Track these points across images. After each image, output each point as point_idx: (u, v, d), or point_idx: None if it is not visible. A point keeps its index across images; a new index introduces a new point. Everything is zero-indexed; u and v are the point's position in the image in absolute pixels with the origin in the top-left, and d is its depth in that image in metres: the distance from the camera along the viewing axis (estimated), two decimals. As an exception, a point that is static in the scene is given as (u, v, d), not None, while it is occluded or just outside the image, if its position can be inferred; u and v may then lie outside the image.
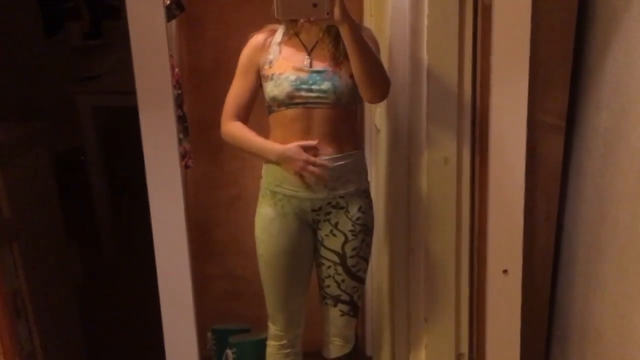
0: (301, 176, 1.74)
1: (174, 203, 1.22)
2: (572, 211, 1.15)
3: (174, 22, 2.38)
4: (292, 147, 1.73)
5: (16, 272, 0.76)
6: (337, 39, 1.74)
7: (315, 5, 1.53)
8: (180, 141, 2.10)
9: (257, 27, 1.88)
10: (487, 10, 1.52)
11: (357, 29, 1.63)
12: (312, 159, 1.72)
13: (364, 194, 1.85)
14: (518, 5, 1.30)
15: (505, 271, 0.96)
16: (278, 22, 1.80)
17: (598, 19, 1.33)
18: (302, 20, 1.72)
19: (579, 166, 1.26)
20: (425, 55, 1.82)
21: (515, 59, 1.29)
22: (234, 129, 1.80)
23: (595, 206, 1.10)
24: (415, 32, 1.85)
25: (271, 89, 1.74)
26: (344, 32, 1.60)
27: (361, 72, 1.65)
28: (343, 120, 1.77)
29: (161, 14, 1.42)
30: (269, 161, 1.80)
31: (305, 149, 1.72)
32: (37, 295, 0.89)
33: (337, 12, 1.55)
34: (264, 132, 1.83)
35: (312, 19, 1.62)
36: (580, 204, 1.15)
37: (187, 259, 1.14)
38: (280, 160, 1.75)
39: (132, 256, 2.09)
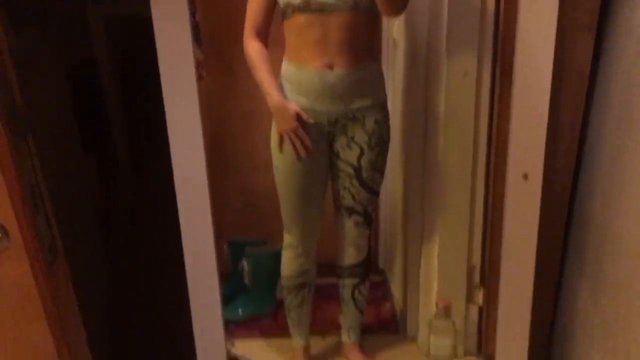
0: (320, 88, 1.71)
1: (189, 108, 1.20)
2: (598, 115, 1.12)
3: None
4: (291, 107, 1.72)
5: (33, 165, 0.76)
6: None
7: None
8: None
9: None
10: None
11: None
12: (302, 133, 1.72)
13: (381, 106, 1.82)
14: None
15: (525, 175, 0.95)
16: None
17: None
18: None
19: (609, 68, 1.20)
20: (446, -38, 1.74)
21: None
22: (250, 50, 1.77)
23: (623, 109, 1.06)
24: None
25: None
26: None
27: None
28: (360, 29, 1.72)
29: None
30: (289, 65, 1.77)
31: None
32: (53, 191, 0.91)
33: None
34: (280, 38, 1.79)
35: None
36: (606, 107, 1.10)
37: (204, 165, 1.14)
38: (273, 110, 1.75)
39: (148, 168, 2.10)
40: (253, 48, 1.77)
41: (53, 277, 0.83)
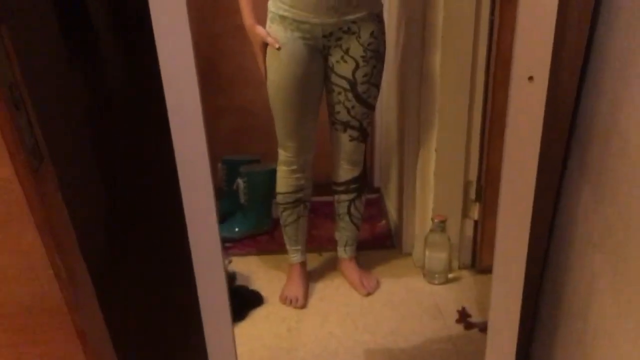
0: (312, 1, 1.65)
1: (179, 28, 1.14)
2: (607, 15, 1.07)
3: None
4: (258, 31, 1.75)
5: (9, 60, 0.72)
6: None
7: None
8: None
9: None
10: None
11: None
12: (263, 57, 1.78)
13: (377, 18, 1.75)
14: None
15: (530, 78, 0.91)
16: None
17: None
18: None
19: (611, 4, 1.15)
20: None
21: None
22: None
23: (634, 11, 1.01)
24: None
25: None
26: None
27: None
28: None
29: None
30: None
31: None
32: (35, 88, 0.86)
33: None
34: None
35: None
36: (616, 7, 1.05)
37: (197, 87, 1.09)
38: (247, 30, 1.79)
39: (138, 81, 2.03)
40: None
41: (40, 182, 0.80)
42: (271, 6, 1.75)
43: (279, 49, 1.72)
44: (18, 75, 0.75)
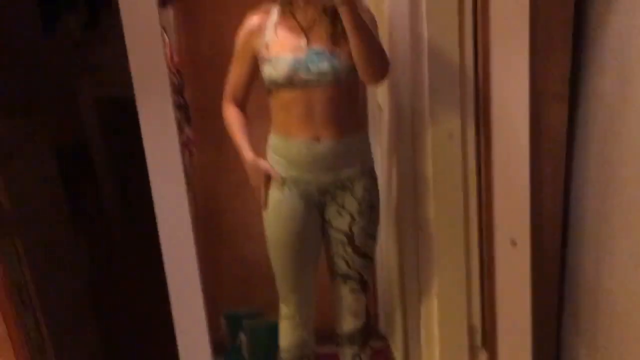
0: (310, 158, 1.74)
1: (176, 190, 1.21)
2: (579, 176, 1.14)
3: (171, 10, 2.37)
4: (261, 164, 1.80)
5: (20, 265, 0.76)
6: (334, 20, 1.71)
7: None
8: (182, 129, 2.11)
9: (256, 9, 1.85)
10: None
11: (356, 10, 1.60)
12: (266, 189, 1.82)
13: (369, 173, 1.84)
14: None
15: (513, 242, 0.95)
16: (273, 1, 1.78)
17: None
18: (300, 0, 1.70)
19: (585, 131, 1.24)
20: (425, 31, 1.80)
21: (515, 26, 1.27)
22: (228, 114, 1.87)
23: (600, 171, 1.09)
24: (414, 7, 1.84)
25: (269, 72, 1.73)
26: (344, 13, 1.56)
27: (360, 54, 1.63)
28: (344, 101, 1.76)
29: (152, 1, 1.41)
30: (277, 139, 1.80)
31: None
32: (44, 287, 0.89)
33: None
34: (267, 111, 1.83)
35: None
36: (586, 168, 1.13)
37: (193, 245, 1.14)
38: (246, 167, 1.84)
39: (141, 246, 2.09)
40: (230, 113, 1.86)
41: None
42: (270, 160, 1.84)
43: (283, 183, 1.79)
44: (28, 276, 0.79)
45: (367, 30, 1.63)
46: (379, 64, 1.68)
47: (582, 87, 1.29)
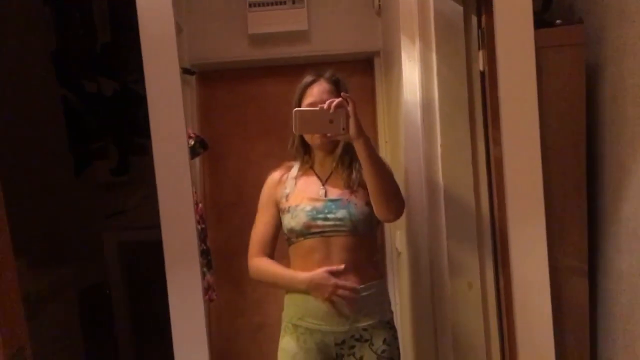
0: (326, 308, 1.71)
1: (197, 347, 1.21)
2: (606, 356, 1.13)
3: (197, 159, 2.49)
4: (319, 272, 1.72)
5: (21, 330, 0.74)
6: (350, 168, 1.78)
7: (331, 121, 1.57)
8: (204, 275, 2.13)
9: (275, 159, 1.95)
10: (498, 144, 1.57)
11: (371, 145, 1.65)
12: (342, 282, 1.71)
13: (388, 325, 1.80)
14: (528, 156, 1.34)
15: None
16: (294, 158, 1.87)
17: (607, 170, 1.38)
18: (319, 141, 1.78)
19: (606, 309, 1.25)
20: (441, 180, 1.86)
21: (530, 205, 1.31)
22: (260, 264, 1.81)
23: (627, 352, 1.07)
24: (429, 159, 1.91)
25: (288, 221, 1.77)
26: (359, 148, 1.62)
27: (376, 188, 1.67)
28: (362, 249, 1.77)
29: (185, 154, 1.48)
30: (295, 291, 1.78)
31: (333, 274, 1.72)
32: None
33: (352, 127, 1.59)
34: (285, 262, 1.85)
35: (328, 134, 1.67)
36: (612, 348, 1.12)
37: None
38: (310, 288, 1.73)
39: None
40: (261, 262, 1.81)
41: None
42: (284, 317, 1.82)
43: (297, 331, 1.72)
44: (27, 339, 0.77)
45: (382, 164, 1.69)
46: (395, 199, 1.71)
47: (601, 265, 1.31)
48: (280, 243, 1.85)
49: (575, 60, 1.44)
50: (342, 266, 1.72)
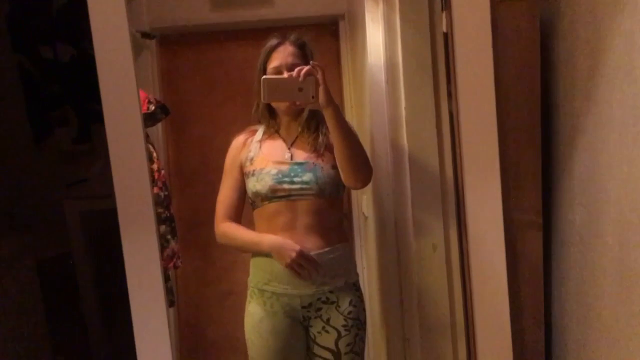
0: (292, 270, 1.72)
1: (156, 314, 1.20)
2: (559, 305, 1.16)
3: (159, 125, 2.44)
4: (286, 240, 1.71)
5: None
6: (316, 132, 1.78)
7: (300, 89, 1.56)
8: (168, 242, 2.11)
9: (240, 124, 1.92)
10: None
11: (341, 113, 1.64)
12: (305, 253, 1.70)
13: (354, 287, 1.82)
14: (483, 113, 1.35)
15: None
16: (259, 122, 1.85)
17: (561, 124, 1.40)
18: (286, 107, 1.76)
19: (560, 261, 1.28)
20: (405, 144, 1.86)
21: (485, 161, 1.33)
22: (226, 228, 1.79)
23: (579, 301, 1.10)
24: (394, 122, 1.91)
25: (253, 185, 1.76)
26: (328, 115, 1.62)
27: (345, 155, 1.66)
28: (328, 212, 1.77)
29: (138, 119, 1.44)
30: (261, 254, 1.77)
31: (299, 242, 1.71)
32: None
33: (321, 95, 1.58)
34: (250, 226, 1.83)
35: (297, 102, 1.65)
36: (565, 298, 1.16)
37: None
38: (273, 250, 1.72)
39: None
40: (227, 226, 1.79)
41: None
42: (250, 282, 1.82)
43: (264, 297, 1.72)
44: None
45: (351, 132, 1.68)
46: (363, 167, 1.71)
47: (555, 217, 1.34)
48: (245, 208, 1.83)
49: (530, 14, 1.45)
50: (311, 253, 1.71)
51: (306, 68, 1.57)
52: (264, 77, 1.60)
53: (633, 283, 1.01)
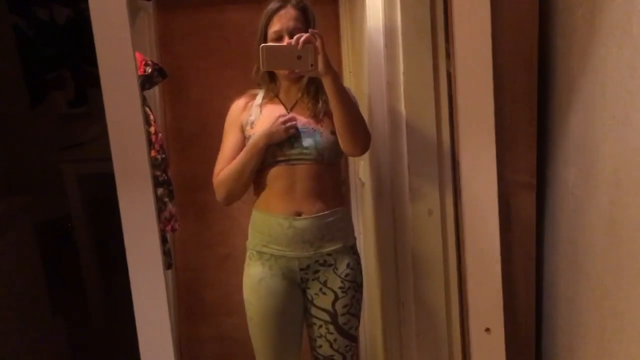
0: (290, 234, 1.73)
1: (154, 275, 1.21)
2: (550, 265, 1.17)
3: (157, 88, 2.43)
4: (271, 123, 1.72)
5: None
6: (316, 97, 1.78)
7: (299, 57, 1.56)
8: (165, 205, 2.12)
9: (238, 88, 1.91)
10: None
11: (339, 81, 1.66)
12: (288, 120, 1.72)
13: (351, 250, 1.85)
14: (479, 71, 1.35)
15: (487, 329, 0.95)
16: (258, 86, 1.84)
17: (557, 84, 1.39)
18: (286, 72, 1.75)
19: (553, 221, 1.29)
20: (403, 109, 1.85)
21: (480, 121, 1.33)
22: (219, 173, 1.78)
23: (570, 260, 1.11)
24: (392, 86, 1.90)
25: None
26: (327, 84, 1.63)
27: (343, 123, 1.68)
28: (326, 177, 1.79)
29: (134, 81, 1.43)
30: (258, 215, 1.78)
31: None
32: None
33: (320, 63, 1.58)
34: (249, 195, 1.84)
35: (296, 70, 1.66)
36: (557, 257, 1.17)
37: (169, 330, 1.13)
38: (269, 139, 1.71)
39: (121, 327, 2.06)
40: (220, 172, 1.78)
41: None
42: (249, 245, 1.84)
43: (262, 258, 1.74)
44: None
45: (349, 101, 1.69)
46: (362, 135, 1.73)
47: (549, 178, 1.34)
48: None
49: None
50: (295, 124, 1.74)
51: (305, 36, 1.56)
52: (262, 45, 1.59)
53: (623, 241, 1.02)
